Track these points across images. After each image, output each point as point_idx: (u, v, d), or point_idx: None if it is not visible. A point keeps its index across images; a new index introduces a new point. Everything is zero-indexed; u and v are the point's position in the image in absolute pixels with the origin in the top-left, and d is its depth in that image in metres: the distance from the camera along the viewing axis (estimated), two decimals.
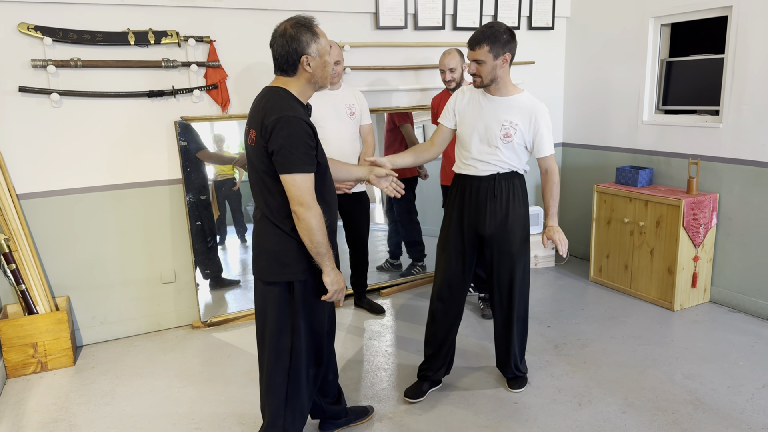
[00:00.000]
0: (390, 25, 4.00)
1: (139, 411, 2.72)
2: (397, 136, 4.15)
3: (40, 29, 3.08)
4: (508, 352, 2.75)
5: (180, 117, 3.49)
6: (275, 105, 1.92)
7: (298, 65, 1.97)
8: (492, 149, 2.53)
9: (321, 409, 2.43)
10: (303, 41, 1.94)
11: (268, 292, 2.05)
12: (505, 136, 2.50)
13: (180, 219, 3.61)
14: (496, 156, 2.54)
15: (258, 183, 2.01)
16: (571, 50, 4.78)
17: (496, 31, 2.39)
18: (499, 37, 2.39)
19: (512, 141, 2.51)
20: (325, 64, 2.01)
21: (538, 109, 2.50)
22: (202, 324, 3.67)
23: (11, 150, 3.16)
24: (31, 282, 3.16)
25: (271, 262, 2.02)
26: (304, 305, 2.05)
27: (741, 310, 3.67)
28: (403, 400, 2.74)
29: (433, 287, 2.75)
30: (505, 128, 2.50)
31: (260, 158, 1.94)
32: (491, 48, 2.38)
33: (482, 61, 2.41)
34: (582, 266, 4.66)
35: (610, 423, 2.51)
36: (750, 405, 2.62)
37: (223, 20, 3.52)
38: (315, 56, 1.97)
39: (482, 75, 2.44)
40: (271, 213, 2.00)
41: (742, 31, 3.49)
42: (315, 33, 1.97)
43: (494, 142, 2.52)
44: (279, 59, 1.98)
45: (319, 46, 1.98)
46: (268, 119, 1.89)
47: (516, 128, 2.50)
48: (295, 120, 1.89)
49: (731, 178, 3.66)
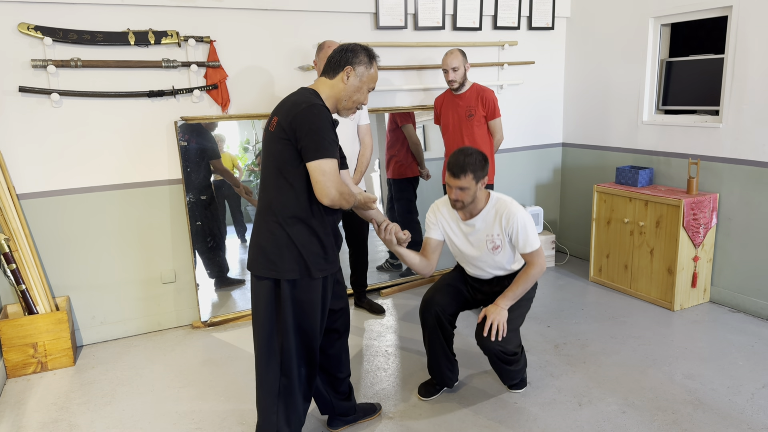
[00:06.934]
0: (390, 25, 4.00)
1: (139, 411, 2.72)
2: (398, 137, 4.15)
3: (40, 29, 3.08)
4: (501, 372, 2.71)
5: (180, 117, 3.49)
6: (305, 97, 2.00)
7: (339, 72, 2.07)
8: (486, 264, 2.63)
9: (331, 405, 2.44)
10: (357, 57, 2.08)
11: (260, 287, 2.08)
12: (494, 249, 2.58)
13: (180, 219, 3.61)
14: (493, 266, 2.64)
15: (266, 172, 2.04)
16: (571, 50, 4.78)
17: (476, 159, 2.45)
18: (480, 163, 2.46)
19: (501, 249, 2.58)
20: (360, 90, 2.10)
21: (507, 210, 2.52)
22: (202, 324, 3.67)
23: (11, 150, 3.16)
24: (31, 282, 3.16)
25: (260, 257, 2.05)
26: (292, 304, 2.05)
27: (741, 310, 3.67)
28: (417, 397, 2.76)
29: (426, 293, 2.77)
30: (490, 242, 2.58)
31: (276, 144, 1.98)
32: (474, 175, 2.44)
33: (466, 188, 2.45)
34: (582, 266, 4.66)
35: (610, 423, 2.51)
36: (750, 405, 2.62)
37: (223, 20, 3.52)
38: (358, 76, 2.08)
39: (464, 200, 2.49)
40: (272, 207, 2.02)
41: (742, 31, 3.49)
42: (371, 63, 2.11)
43: (485, 256, 2.61)
44: (329, 61, 2.09)
45: (366, 72, 2.10)
46: (297, 108, 1.95)
47: (499, 237, 2.56)
48: (323, 108, 1.97)
49: (731, 178, 3.66)
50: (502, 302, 2.52)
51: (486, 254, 2.60)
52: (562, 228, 5.09)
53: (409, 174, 4.16)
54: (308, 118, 1.91)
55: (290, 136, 1.94)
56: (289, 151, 1.95)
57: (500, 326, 2.46)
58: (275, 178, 2.00)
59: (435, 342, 2.68)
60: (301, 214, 2.00)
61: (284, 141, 1.95)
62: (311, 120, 1.91)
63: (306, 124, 1.91)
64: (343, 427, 2.51)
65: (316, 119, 1.92)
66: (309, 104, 1.94)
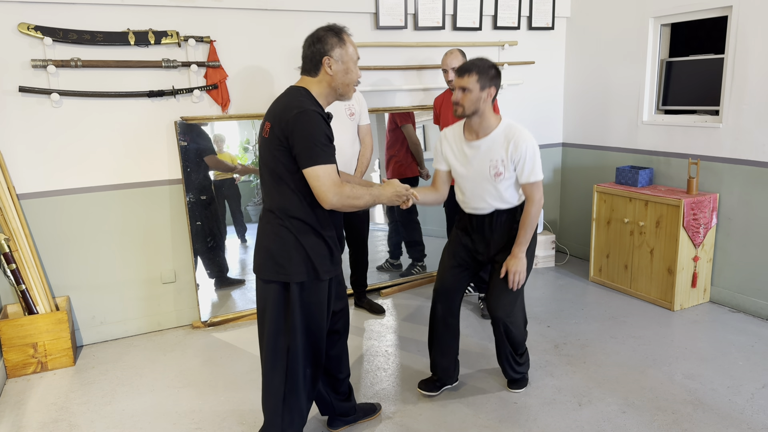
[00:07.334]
0: (390, 25, 4.00)
1: (139, 411, 2.72)
2: (398, 137, 4.15)
3: (40, 29, 3.08)
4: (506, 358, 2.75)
5: (180, 117, 3.49)
6: (295, 100, 1.95)
7: (320, 66, 2.01)
8: (486, 192, 2.54)
9: (331, 406, 2.44)
10: (328, 44, 1.99)
11: (267, 290, 2.06)
12: (496, 175, 2.50)
13: (180, 219, 3.61)
14: (492, 196, 2.55)
15: (266, 178, 2.03)
16: (571, 50, 4.78)
17: (485, 65, 2.41)
18: (488, 70, 2.41)
19: (503, 177, 2.49)
20: (348, 70, 2.03)
21: (517, 136, 2.46)
22: (202, 324, 3.67)
23: (11, 150, 3.16)
24: (31, 282, 3.16)
25: (268, 260, 2.03)
26: (300, 306, 2.05)
27: (741, 310, 3.67)
28: (418, 391, 2.78)
29: (433, 288, 2.76)
30: (493, 167, 2.49)
31: (271, 151, 1.96)
32: (479, 78, 2.39)
33: (468, 89, 2.40)
34: (582, 266, 4.66)
35: (610, 423, 2.51)
36: (750, 405, 2.62)
37: (223, 20, 3.52)
38: (338, 60, 2.00)
39: (465, 104, 2.42)
40: (276, 210, 2.01)
41: (742, 31, 3.49)
42: (342, 39, 2.01)
43: (486, 184, 2.52)
44: (304, 60, 2.04)
45: (344, 51, 2.01)
46: (289, 113, 1.91)
47: (503, 163, 2.48)
48: (314, 114, 1.92)
49: (731, 178, 3.66)
50: (517, 250, 2.52)
51: (487, 181, 2.51)
52: (562, 228, 5.09)
53: (408, 174, 4.16)
54: (300, 125, 1.89)
55: (284, 143, 1.92)
56: (285, 157, 1.93)
57: (521, 275, 2.51)
58: (276, 184, 1.99)
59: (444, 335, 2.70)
60: (306, 217, 2.00)
61: (279, 148, 1.93)
62: (302, 127, 1.89)
63: (297, 131, 1.88)
64: (343, 427, 2.51)
65: (307, 125, 1.89)
66: (300, 110, 1.90)
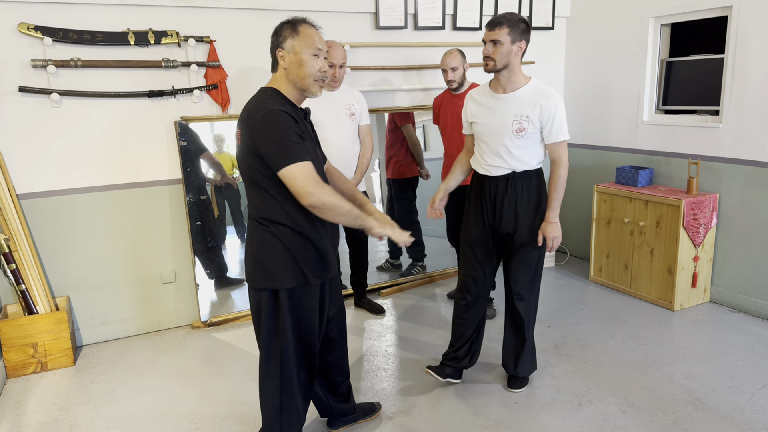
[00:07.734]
0: (390, 25, 4.00)
1: (139, 411, 2.72)
2: (398, 137, 4.15)
3: (40, 29, 3.08)
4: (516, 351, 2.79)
5: (180, 117, 3.49)
6: (260, 103, 1.88)
7: (276, 60, 1.94)
8: (505, 148, 2.50)
9: (329, 408, 2.43)
10: (281, 36, 1.91)
11: (259, 297, 2.03)
12: (518, 131, 2.46)
13: (180, 219, 3.61)
14: (510, 154, 2.51)
15: (247, 186, 1.98)
16: (571, 50, 4.78)
17: (515, 18, 2.41)
18: (518, 23, 2.40)
19: (526, 134, 2.47)
20: (300, 62, 1.90)
21: (547, 95, 2.45)
22: (202, 324, 3.67)
23: (11, 150, 3.16)
24: (31, 282, 3.16)
25: (257, 268, 1.98)
26: (290, 312, 2.01)
27: (741, 310, 3.67)
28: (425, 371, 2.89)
29: (458, 281, 2.79)
30: (517, 122, 2.46)
31: (245, 159, 1.90)
32: (510, 31, 2.38)
33: (499, 42, 2.39)
34: (582, 266, 4.66)
35: (610, 423, 2.50)
36: (750, 405, 2.62)
37: (223, 20, 3.52)
38: (289, 51, 1.90)
39: (496, 58, 2.41)
40: (259, 218, 1.97)
41: (742, 31, 3.49)
42: (296, 30, 1.90)
43: (507, 139, 2.48)
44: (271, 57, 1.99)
45: (295, 42, 1.90)
46: (255, 117, 1.85)
47: (528, 120, 2.45)
48: (280, 113, 1.84)
49: (731, 178, 3.66)
50: (552, 215, 2.54)
51: (508, 137, 2.48)
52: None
53: (408, 174, 4.16)
54: (264, 128, 1.82)
55: (255, 150, 1.85)
56: (258, 164, 1.87)
57: (558, 240, 2.57)
58: (256, 191, 1.94)
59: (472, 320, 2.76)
60: (290, 221, 1.94)
61: (252, 155, 1.87)
62: (269, 129, 1.82)
63: (264, 135, 1.82)
64: (343, 427, 2.51)
65: (272, 126, 1.82)
66: (264, 112, 1.82)
